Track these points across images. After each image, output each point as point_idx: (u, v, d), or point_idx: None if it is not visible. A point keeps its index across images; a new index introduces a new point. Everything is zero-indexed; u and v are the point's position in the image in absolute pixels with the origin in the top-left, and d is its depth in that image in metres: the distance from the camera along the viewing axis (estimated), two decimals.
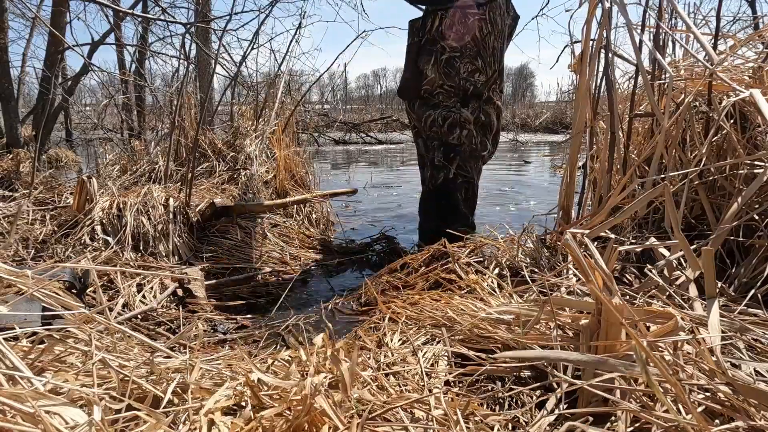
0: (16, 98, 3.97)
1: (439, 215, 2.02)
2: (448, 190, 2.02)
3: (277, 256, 1.88)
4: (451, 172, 2.00)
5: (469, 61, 1.94)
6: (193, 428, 0.61)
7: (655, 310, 0.76)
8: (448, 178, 2.00)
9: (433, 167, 2.02)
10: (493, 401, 0.76)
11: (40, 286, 0.95)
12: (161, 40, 5.32)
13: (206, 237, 1.93)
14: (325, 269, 1.85)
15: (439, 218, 1.99)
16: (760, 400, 0.59)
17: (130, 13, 4.42)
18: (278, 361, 0.83)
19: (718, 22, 1.40)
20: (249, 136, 2.93)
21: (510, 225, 1.71)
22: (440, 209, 2.04)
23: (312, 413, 0.61)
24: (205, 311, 1.41)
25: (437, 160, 2.00)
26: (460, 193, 2.05)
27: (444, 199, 2.04)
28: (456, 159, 2.00)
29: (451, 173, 2.00)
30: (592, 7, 1.46)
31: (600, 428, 0.63)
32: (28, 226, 1.82)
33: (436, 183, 2.01)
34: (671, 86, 1.34)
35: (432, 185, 2.03)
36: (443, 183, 2.00)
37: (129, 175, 2.79)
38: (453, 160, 2.00)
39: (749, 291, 0.99)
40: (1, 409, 0.55)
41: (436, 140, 2.00)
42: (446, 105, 1.97)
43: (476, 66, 1.95)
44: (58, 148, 5.43)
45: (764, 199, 1.17)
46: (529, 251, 1.36)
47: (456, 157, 2.00)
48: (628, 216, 1.20)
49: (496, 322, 0.93)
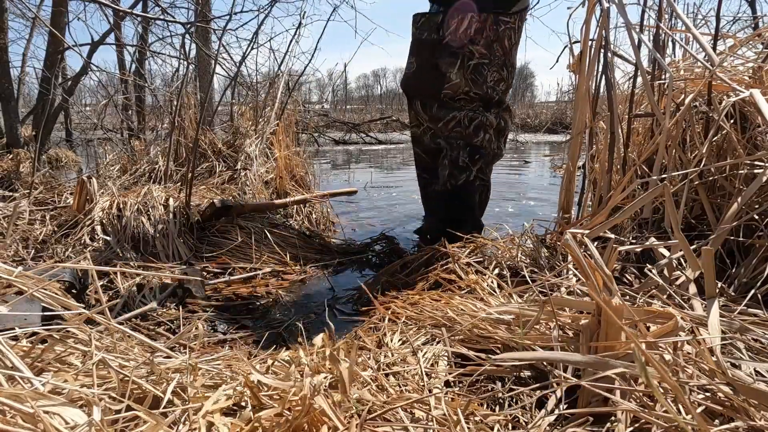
0: (16, 98, 3.97)
1: (448, 216, 2.00)
2: (467, 192, 2.00)
3: (277, 256, 1.88)
4: (472, 174, 1.98)
5: (497, 70, 1.90)
6: (192, 428, 0.61)
7: (655, 310, 0.76)
8: (469, 180, 1.98)
9: (455, 167, 1.98)
10: (493, 401, 0.76)
11: (40, 286, 0.95)
12: (161, 40, 5.32)
13: (206, 237, 1.93)
14: (325, 269, 1.84)
15: (449, 219, 1.96)
16: (760, 400, 0.59)
17: (130, 13, 4.42)
18: (278, 361, 0.83)
19: (718, 22, 1.40)
20: (249, 136, 2.93)
21: (510, 225, 1.71)
22: (451, 210, 2.02)
23: (311, 413, 0.61)
24: (205, 311, 1.41)
25: (461, 160, 1.96)
26: (477, 195, 2.04)
27: (458, 200, 2.02)
28: (480, 161, 1.98)
29: (472, 175, 1.98)
30: (591, 7, 1.46)
31: (600, 428, 0.63)
32: (28, 226, 1.82)
33: (455, 183, 1.98)
34: (671, 86, 1.34)
35: (450, 185, 1.98)
36: (463, 184, 1.98)
37: (129, 175, 2.79)
38: (477, 162, 1.98)
39: (749, 291, 0.99)
40: (1, 409, 0.55)
41: (461, 140, 1.96)
42: (470, 108, 1.94)
43: (502, 76, 1.92)
44: (58, 148, 5.43)
45: (764, 199, 1.17)
46: (529, 251, 1.36)
47: (480, 160, 1.99)
48: (629, 216, 1.20)
49: (496, 322, 0.93)
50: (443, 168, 2.01)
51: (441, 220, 2.01)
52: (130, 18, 5.10)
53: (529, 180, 4.21)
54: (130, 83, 5.50)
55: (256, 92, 3.43)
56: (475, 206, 2.05)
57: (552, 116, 12.52)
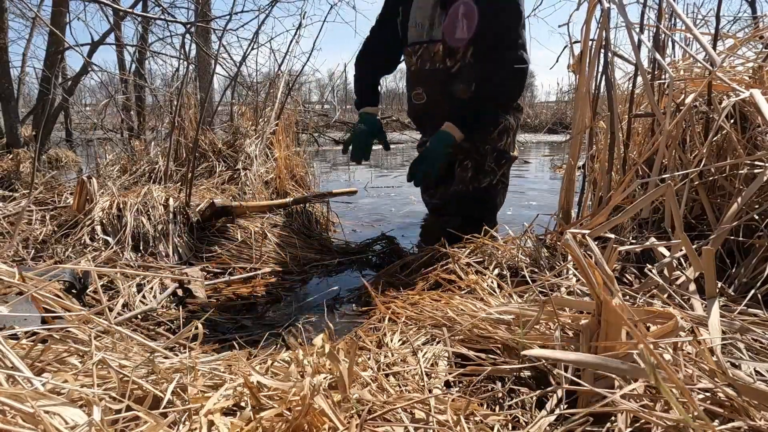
0: (16, 98, 3.97)
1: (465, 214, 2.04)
2: (489, 195, 2.05)
3: (277, 256, 1.88)
4: (496, 178, 2.02)
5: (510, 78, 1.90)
6: (192, 429, 0.61)
7: (655, 310, 0.76)
8: (492, 184, 2.02)
9: (480, 171, 2.00)
10: (493, 401, 0.76)
11: (41, 287, 0.95)
12: (161, 40, 5.32)
13: (206, 237, 1.93)
14: (325, 269, 1.84)
15: (467, 218, 1.99)
16: (761, 400, 0.59)
17: (130, 13, 4.42)
18: (278, 362, 0.83)
19: (718, 23, 1.40)
20: (249, 136, 2.93)
21: (509, 225, 1.71)
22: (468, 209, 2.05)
23: (311, 413, 0.61)
24: (205, 311, 1.41)
25: (488, 165, 1.99)
26: (498, 199, 2.10)
27: (480, 202, 2.06)
28: (505, 165, 2.03)
29: (495, 179, 2.02)
30: (591, 7, 1.46)
31: (600, 428, 0.63)
32: (27, 226, 1.82)
33: (479, 186, 2.01)
34: (672, 87, 1.34)
35: (473, 187, 2.01)
36: (486, 187, 2.01)
37: (129, 175, 2.79)
38: (502, 167, 2.02)
39: (749, 291, 0.99)
40: (1, 409, 0.55)
41: (488, 145, 1.98)
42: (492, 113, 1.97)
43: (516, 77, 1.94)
44: (58, 148, 5.43)
45: (764, 199, 1.17)
46: (529, 251, 1.36)
47: (506, 164, 2.03)
48: (629, 216, 1.20)
49: (496, 322, 0.93)
50: (464, 170, 2.02)
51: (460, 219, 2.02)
52: (131, 18, 5.10)
53: (529, 180, 4.20)
54: (130, 83, 5.50)
55: (256, 92, 3.43)
56: (496, 208, 2.12)
57: (552, 116, 12.51)
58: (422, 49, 1.95)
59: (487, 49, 1.85)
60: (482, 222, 1.89)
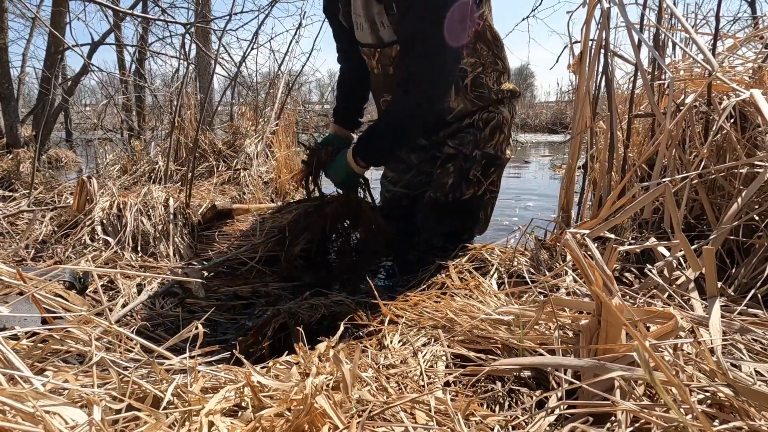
0: (16, 98, 3.97)
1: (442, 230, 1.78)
2: (472, 207, 1.75)
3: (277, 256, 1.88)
4: (482, 189, 1.73)
5: (492, 69, 1.69)
6: (193, 429, 0.61)
7: (655, 310, 0.76)
8: (476, 195, 1.72)
9: (464, 178, 1.70)
10: (493, 401, 0.76)
11: (41, 287, 0.95)
12: (161, 40, 5.33)
13: (207, 237, 1.93)
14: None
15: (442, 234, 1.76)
16: (761, 401, 0.59)
17: (130, 14, 4.42)
18: (279, 363, 0.83)
19: (717, 23, 1.40)
20: (249, 136, 2.93)
21: (509, 225, 1.70)
22: (445, 224, 1.78)
23: (312, 413, 0.61)
24: (205, 311, 1.41)
25: (473, 174, 1.69)
26: (484, 211, 1.80)
27: (458, 218, 1.78)
28: (493, 174, 1.74)
29: (481, 190, 1.73)
30: (591, 7, 1.46)
31: (600, 428, 0.63)
32: (27, 226, 1.82)
33: (459, 197, 1.70)
34: (672, 87, 1.34)
35: (452, 197, 1.70)
36: (469, 199, 1.72)
37: (129, 176, 2.79)
38: (490, 176, 1.73)
39: (749, 291, 0.99)
40: (2, 408, 0.55)
41: (477, 150, 1.69)
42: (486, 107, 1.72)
43: (498, 68, 1.70)
44: (58, 148, 5.43)
45: (764, 199, 1.17)
46: (529, 252, 1.36)
47: (495, 172, 1.75)
48: (629, 216, 1.20)
49: (496, 322, 0.93)
50: (445, 173, 1.71)
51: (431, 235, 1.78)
52: (130, 18, 5.10)
53: (529, 180, 4.21)
54: (130, 83, 5.50)
55: (256, 92, 3.43)
56: (478, 223, 1.81)
57: (552, 116, 12.51)
58: (378, 53, 1.70)
59: (402, 56, 1.57)
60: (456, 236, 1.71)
